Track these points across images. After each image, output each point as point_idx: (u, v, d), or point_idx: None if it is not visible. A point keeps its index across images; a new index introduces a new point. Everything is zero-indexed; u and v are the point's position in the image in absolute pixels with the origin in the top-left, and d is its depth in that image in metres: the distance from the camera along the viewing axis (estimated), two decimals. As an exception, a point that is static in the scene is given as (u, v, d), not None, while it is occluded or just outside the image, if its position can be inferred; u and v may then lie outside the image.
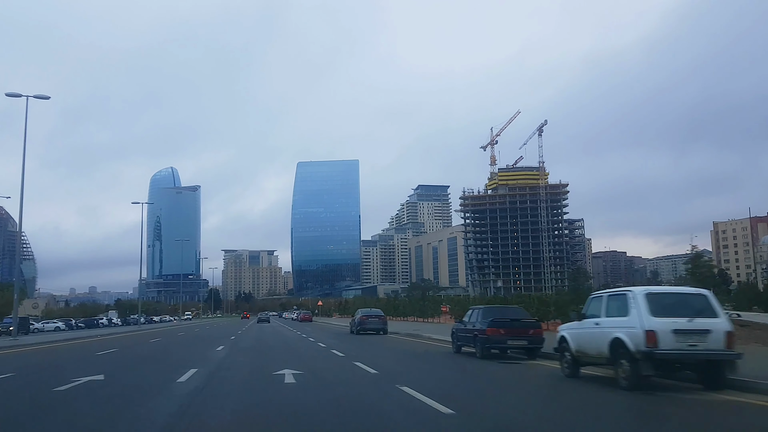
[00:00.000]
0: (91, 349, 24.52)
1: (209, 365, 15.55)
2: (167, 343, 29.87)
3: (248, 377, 12.65)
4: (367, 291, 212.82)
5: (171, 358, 19.04)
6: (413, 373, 13.14)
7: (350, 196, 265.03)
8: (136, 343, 30.62)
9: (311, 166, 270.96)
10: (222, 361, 17.23)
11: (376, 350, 21.79)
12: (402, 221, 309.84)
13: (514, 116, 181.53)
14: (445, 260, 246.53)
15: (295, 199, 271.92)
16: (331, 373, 13.44)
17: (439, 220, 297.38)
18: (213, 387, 10.93)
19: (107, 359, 19.43)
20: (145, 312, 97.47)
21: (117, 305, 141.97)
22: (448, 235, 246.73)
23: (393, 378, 11.82)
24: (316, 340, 28.22)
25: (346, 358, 17.56)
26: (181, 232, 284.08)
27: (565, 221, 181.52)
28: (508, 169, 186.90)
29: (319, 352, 20.86)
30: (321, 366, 15.12)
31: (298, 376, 12.25)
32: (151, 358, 19.48)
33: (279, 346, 25.27)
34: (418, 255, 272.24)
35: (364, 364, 14.48)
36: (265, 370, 13.77)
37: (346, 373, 13.46)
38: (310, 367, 14.33)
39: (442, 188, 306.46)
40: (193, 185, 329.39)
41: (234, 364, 16.45)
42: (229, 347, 24.53)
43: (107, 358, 20.08)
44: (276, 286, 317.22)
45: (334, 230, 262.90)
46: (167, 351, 23.40)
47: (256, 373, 13.31)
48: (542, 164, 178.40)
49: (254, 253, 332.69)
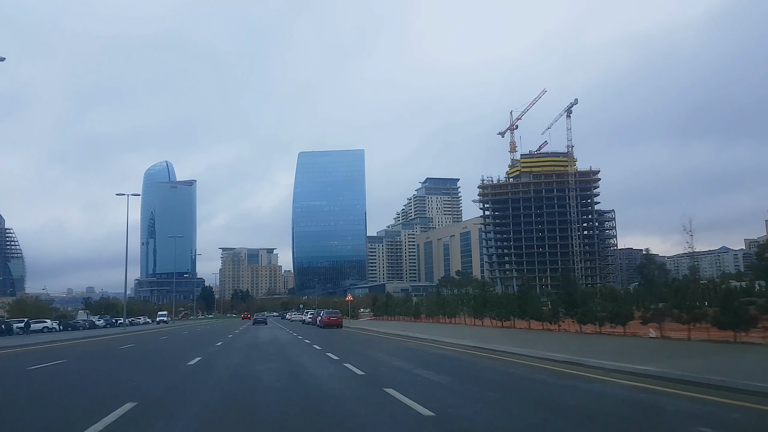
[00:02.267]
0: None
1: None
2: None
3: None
4: (375, 290, 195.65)
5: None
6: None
7: (355, 189, 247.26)
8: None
9: (314, 157, 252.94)
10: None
11: None
12: (409, 216, 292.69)
13: (539, 95, 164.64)
14: (458, 256, 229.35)
15: (297, 191, 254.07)
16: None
17: (449, 214, 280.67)
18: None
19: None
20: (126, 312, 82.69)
21: (87, 305, 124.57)
22: (461, 229, 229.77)
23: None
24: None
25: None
26: (176, 229, 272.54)
27: (596, 212, 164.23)
28: (532, 155, 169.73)
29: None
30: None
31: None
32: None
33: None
34: (428, 251, 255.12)
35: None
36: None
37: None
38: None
39: (451, 181, 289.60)
40: (189, 180, 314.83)
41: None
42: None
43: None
44: (276, 285, 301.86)
45: (338, 225, 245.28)
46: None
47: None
48: (571, 149, 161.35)
49: (253, 251, 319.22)
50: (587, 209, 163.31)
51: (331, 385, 11.44)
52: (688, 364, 11.74)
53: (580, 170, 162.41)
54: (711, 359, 13.19)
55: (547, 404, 8.74)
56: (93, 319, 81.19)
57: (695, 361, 12.69)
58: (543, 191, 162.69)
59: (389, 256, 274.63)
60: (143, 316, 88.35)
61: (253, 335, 37.23)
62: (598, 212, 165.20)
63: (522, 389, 10.44)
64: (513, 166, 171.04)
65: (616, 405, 8.62)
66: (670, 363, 11.72)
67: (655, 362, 11.87)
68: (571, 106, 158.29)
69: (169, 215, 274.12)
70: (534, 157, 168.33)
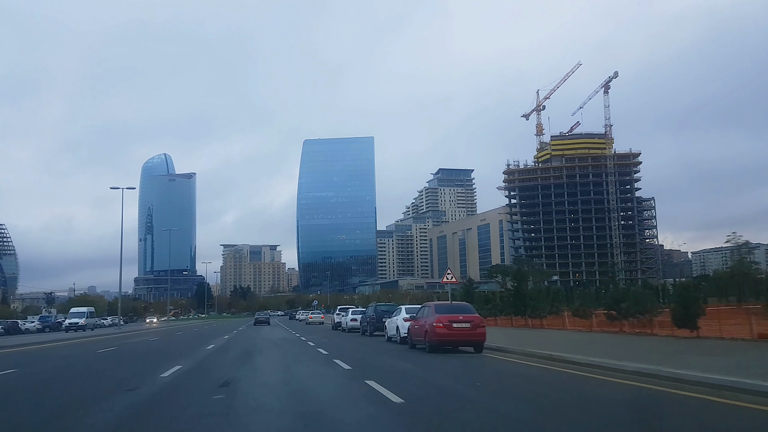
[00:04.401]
0: None
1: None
2: None
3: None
4: (387, 288, 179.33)
5: None
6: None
7: (364, 178, 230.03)
8: None
9: (319, 144, 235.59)
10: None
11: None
12: (420, 209, 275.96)
13: (572, 69, 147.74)
14: (475, 251, 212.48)
15: (301, 182, 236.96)
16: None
17: (462, 207, 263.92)
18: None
19: None
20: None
21: (48, 301, 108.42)
22: (479, 222, 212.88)
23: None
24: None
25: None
26: (174, 224, 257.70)
27: (637, 199, 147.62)
28: (563, 136, 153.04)
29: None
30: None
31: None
32: None
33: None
34: (441, 246, 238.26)
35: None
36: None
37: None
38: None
39: (465, 172, 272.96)
40: (188, 173, 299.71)
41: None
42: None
43: None
44: (279, 283, 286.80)
45: (345, 217, 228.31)
46: None
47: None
48: (609, 128, 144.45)
49: (255, 248, 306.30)
50: (626, 196, 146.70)
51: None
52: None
53: (618, 152, 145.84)
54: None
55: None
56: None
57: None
58: (577, 176, 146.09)
59: (399, 251, 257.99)
60: (111, 317, 72.05)
61: (245, 349, 20.80)
62: (639, 200, 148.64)
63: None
64: (542, 149, 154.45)
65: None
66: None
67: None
68: (609, 80, 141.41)
69: (168, 210, 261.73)
70: (566, 139, 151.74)
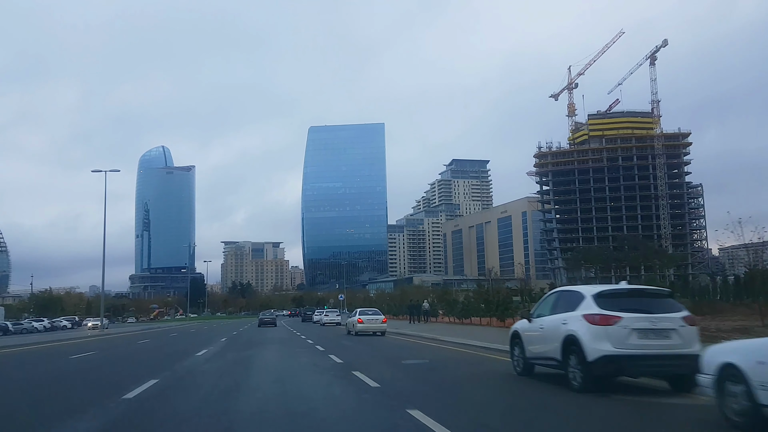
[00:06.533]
0: None
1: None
2: None
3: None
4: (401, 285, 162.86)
5: None
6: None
7: (374, 168, 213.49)
8: None
9: (326, 132, 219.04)
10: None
11: None
12: (432, 203, 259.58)
13: (613, 39, 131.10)
14: (495, 246, 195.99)
15: (306, 171, 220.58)
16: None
17: (478, 200, 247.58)
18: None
19: None
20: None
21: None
22: (500, 214, 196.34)
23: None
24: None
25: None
26: (172, 220, 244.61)
27: (686, 185, 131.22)
28: (603, 115, 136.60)
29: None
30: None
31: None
32: None
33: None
34: (456, 241, 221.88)
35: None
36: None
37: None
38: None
39: (480, 163, 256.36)
40: (187, 165, 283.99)
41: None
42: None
43: None
44: (282, 281, 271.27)
45: (354, 210, 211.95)
46: None
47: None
48: (656, 105, 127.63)
49: (257, 245, 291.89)
50: (674, 182, 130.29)
51: None
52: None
53: (665, 132, 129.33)
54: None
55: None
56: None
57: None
58: (619, 158, 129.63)
59: (411, 246, 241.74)
60: (62, 320, 56.40)
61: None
62: (688, 185, 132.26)
63: None
64: (577, 130, 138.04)
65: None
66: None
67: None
68: (656, 50, 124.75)
69: (166, 205, 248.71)
70: (605, 118, 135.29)
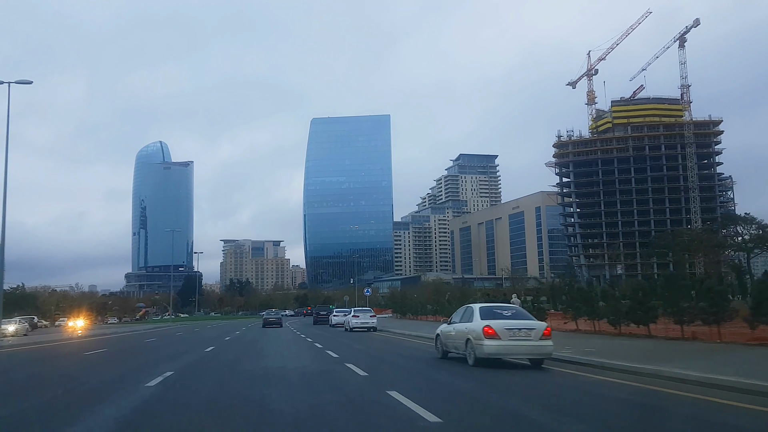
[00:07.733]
0: None
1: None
2: None
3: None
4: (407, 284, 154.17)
5: None
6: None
7: (380, 161, 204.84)
8: None
9: (329, 123, 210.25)
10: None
11: None
12: (439, 199, 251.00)
13: (639, 19, 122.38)
14: (506, 243, 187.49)
15: (308, 165, 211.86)
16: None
17: (486, 196, 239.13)
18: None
19: None
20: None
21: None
22: (511, 210, 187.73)
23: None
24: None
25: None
26: (170, 217, 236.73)
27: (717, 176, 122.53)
28: (627, 101, 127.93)
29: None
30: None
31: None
32: None
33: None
34: (464, 238, 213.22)
35: None
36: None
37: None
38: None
39: (488, 158, 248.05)
40: (185, 161, 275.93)
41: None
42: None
43: None
44: (283, 280, 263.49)
45: (359, 205, 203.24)
46: None
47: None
48: (686, 89, 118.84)
49: (257, 243, 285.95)
50: (704, 173, 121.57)
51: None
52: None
53: (695, 120, 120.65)
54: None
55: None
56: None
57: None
58: (646, 147, 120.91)
59: (417, 244, 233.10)
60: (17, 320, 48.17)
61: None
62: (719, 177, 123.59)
63: None
64: (599, 118, 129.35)
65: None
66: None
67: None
68: (686, 31, 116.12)
69: (163, 202, 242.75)
70: (630, 104, 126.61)
